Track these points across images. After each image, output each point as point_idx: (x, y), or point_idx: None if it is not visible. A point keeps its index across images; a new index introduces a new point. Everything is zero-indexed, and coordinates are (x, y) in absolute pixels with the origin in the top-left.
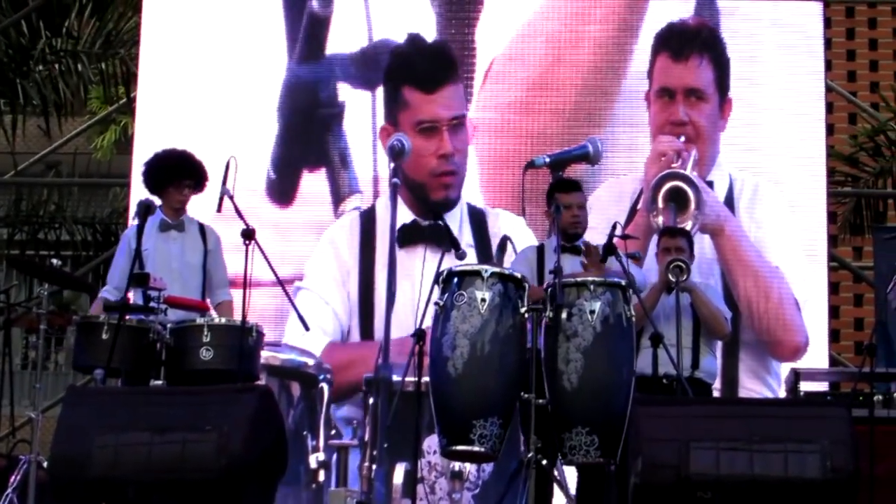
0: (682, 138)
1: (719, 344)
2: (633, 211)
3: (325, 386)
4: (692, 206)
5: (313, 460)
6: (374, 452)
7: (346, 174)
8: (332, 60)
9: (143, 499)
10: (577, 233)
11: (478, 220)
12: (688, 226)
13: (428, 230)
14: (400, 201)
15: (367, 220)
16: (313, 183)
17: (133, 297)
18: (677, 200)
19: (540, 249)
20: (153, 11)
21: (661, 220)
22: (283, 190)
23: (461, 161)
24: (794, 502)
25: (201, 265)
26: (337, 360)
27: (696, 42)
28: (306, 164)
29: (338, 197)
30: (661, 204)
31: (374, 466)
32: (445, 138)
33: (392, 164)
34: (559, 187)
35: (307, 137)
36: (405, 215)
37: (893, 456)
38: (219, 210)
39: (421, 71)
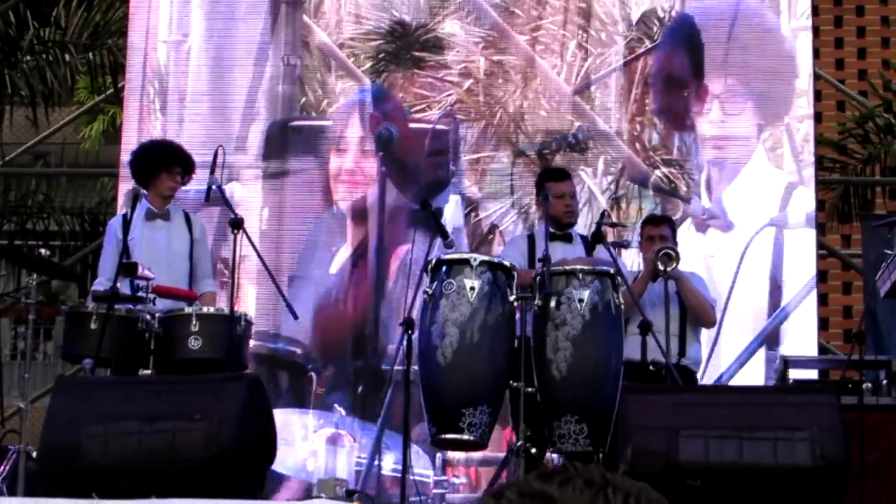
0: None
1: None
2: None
3: (313, 375)
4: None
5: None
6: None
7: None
8: (322, 50)
9: (134, 488)
10: (571, 222)
11: (470, 206)
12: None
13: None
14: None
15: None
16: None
17: (121, 286)
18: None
19: (531, 238)
20: (140, 1)
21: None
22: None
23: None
24: (783, 490)
25: (188, 254)
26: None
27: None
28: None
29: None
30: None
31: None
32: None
33: (380, 153)
34: (550, 176)
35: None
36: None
37: (883, 443)
38: (206, 199)
39: None
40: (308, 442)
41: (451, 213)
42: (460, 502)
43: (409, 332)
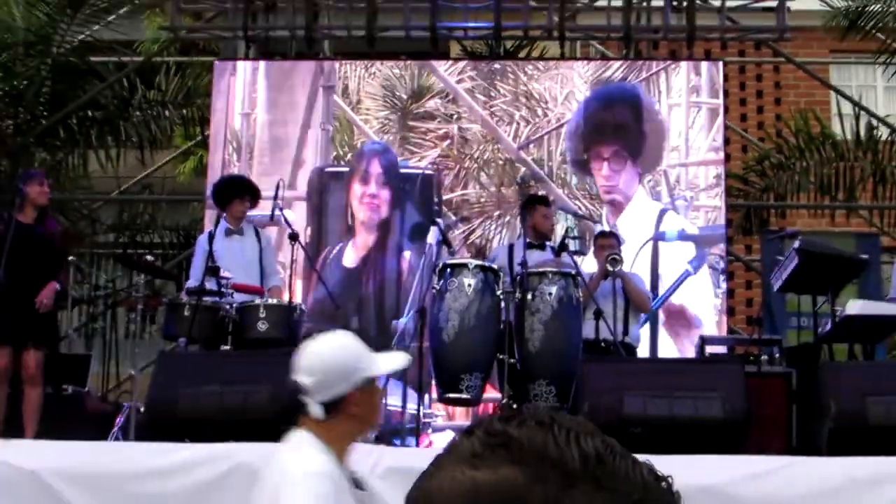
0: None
1: (642, 317)
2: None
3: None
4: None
5: None
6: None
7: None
8: (347, 119)
9: (216, 435)
10: (550, 235)
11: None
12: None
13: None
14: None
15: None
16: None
17: (208, 284)
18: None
19: (511, 247)
20: (221, 71)
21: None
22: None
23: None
24: (702, 436)
25: (258, 260)
26: None
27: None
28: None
29: None
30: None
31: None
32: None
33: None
34: (540, 201)
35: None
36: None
37: (775, 401)
38: (271, 219)
39: None
40: None
41: (435, 231)
42: (441, 427)
43: (423, 318)
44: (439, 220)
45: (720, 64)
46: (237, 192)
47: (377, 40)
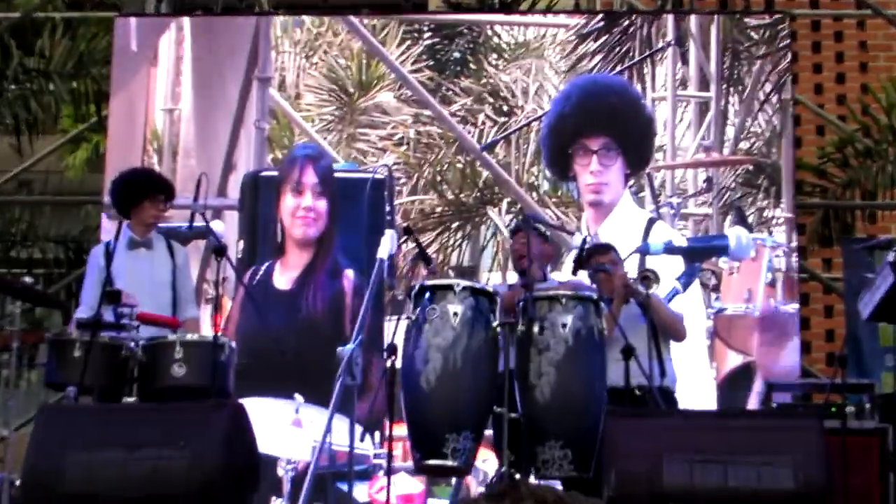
0: None
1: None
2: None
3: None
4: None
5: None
6: None
7: None
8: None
9: None
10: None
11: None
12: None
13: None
14: None
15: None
16: None
17: (105, 314)
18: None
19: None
20: (124, 30)
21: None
22: None
23: None
24: None
25: (171, 282)
26: None
27: None
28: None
29: None
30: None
31: None
32: None
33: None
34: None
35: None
36: None
37: (866, 468)
38: (190, 227)
39: None
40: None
41: (388, 243)
42: (397, 469)
43: (392, 357)
44: (394, 230)
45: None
46: (147, 190)
47: None
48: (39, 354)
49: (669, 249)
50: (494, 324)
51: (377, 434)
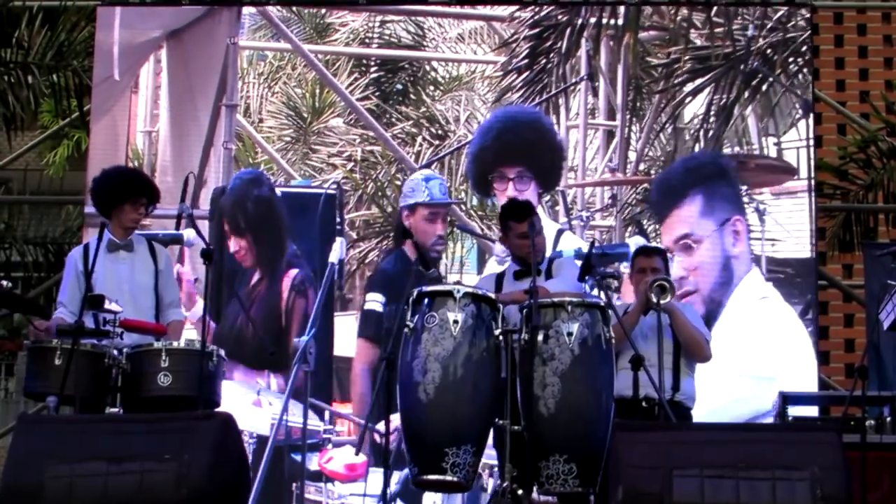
0: None
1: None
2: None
3: None
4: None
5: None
6: None
7: None
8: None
9: None
10: (538, 259)
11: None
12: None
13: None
14: None
15: None
16: None
17: (87, 321)
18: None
19: (500, 277)
20: (107, 21)
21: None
22: None
23: None
24: None
25: (153, 286)
26: None
27: None
28: None
29: None
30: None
31: None
32: None
33: None
34: (510, 215)
35: None
36: None
37: (886, 483)
38: (177, 228)
39: None
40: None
41: (338, 250)
42: (342, 443)
43: (390, 370)
44: (343, 238)
45: (807, 10)
46: (129, 191)
47: None
48: (17, 363)
49: (579, 256)
50: (497, 332)
51: (326, 413)
